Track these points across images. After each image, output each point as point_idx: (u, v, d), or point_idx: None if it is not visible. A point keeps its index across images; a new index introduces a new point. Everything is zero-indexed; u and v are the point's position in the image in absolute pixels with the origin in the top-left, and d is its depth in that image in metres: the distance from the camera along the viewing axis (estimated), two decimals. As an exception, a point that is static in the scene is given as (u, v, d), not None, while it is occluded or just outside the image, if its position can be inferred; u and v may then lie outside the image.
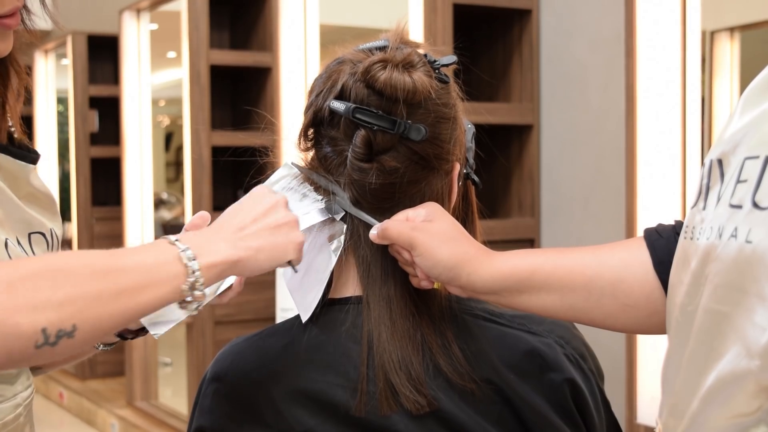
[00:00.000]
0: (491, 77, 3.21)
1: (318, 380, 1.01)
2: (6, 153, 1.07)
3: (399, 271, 1.04)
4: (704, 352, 0.74)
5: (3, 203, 1.05)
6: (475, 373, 0.99)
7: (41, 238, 1.11)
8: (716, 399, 0.72)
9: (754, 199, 0.69)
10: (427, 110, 1.04)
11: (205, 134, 3.73)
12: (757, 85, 0.76)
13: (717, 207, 0.74)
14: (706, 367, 0.74)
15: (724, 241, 0.71)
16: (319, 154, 1.08)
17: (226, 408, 1.06)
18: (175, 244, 0.90)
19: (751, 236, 0.68)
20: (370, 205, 1.05)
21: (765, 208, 0.68)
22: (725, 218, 0.72)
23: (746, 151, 0.71)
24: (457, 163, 1.08)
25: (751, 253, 0.68)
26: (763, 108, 0.72)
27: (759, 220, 0.68)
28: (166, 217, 6.50)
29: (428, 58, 1.05)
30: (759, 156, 0.70)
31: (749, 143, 0.71)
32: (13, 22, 1.03)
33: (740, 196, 0.70)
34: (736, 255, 0.70)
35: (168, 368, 5.38)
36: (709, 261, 0.74)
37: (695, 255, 0.76)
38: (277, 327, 1.10)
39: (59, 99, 6.20)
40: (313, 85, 1.09)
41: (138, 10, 4.62)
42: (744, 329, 0.69)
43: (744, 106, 0.77)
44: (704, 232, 0.75)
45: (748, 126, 0.73)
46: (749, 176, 0.70)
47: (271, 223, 0.97)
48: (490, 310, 1.06)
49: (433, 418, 0.99)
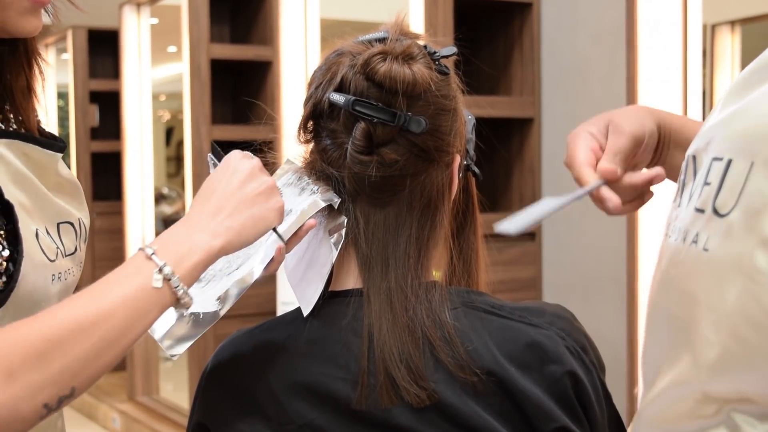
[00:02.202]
0: (492, 70, 3.20)
1: (319, 373, 1.01)
2: (33, 142, 1.07)
3: (399, 263, 1.04)
4: (665, 354, 0.73)
5: (32, 193, 1.05)
6: (475, 366, 0.99)
7: (70, 228, 1.12)
8: (665, 401, 0.72)
9: (715, 204, 0.66)
10: (427, 102, 1.03)
11: (206, 128, 3.73)
12: (738, 82, 0.73)
13: (687, 206, 0.71)
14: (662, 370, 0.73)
15: (687, 246, 0.69)
16: (319, 147, 1.08)
17: (227, 401, 1.06)
18: (152, 258, 0.90)
19: (709, 244, 0.66)
20: (370, 198, 1.05)
21: (724, 216, 0.65)
22: (690, 221, 0.70)
23: (714, 151, 0.69)
24: (457, 155, 1.08)
25: (706, 261, 0.66)
26: (736, 107, 0.70)
27: (716, 228, 0.65)
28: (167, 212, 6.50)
29: (428, 49, 1.04)
30: (723, 158, 0.67)
31: (717, 143, 0.69)
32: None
33: (704, 199, 0.68)
34: (694, 262, 0.68)
35: (169, 363, 5.38)
36: (674, 264, 0.72)
37: (666, 254, 0.74)
38: (277, 320, 1.10)
39: (59, 93, 6.20)
40: (313, 78, 1.09)
41: (138, 4, 4.62)
42: (695, 340, 0.67)
43: (726, 100, 0.74)
44: (674, 231, 0.73)
45: (720, 124, 0.71)
46: (713, 179, 0.67)
47: (249, 195, 0.97)
48: (491, 303, 1.06)
49: (434, 411, 0.99)
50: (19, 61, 1.11)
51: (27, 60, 1.11)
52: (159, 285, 0.89)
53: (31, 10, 1.03)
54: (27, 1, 1.03)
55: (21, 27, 1.04)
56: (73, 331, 0.86)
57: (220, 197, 0.96)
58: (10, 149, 1.04)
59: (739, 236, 0.63)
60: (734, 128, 0.67)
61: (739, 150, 0.64)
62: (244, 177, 0.98)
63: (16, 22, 1.03)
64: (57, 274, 1.07)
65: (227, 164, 1.00)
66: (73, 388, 0.86)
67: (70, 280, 1.11)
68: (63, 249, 1.09)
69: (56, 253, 1.07)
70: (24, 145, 1.06)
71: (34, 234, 1.03)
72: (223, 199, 0.96)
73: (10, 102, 1.10)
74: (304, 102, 1.10)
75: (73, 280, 1.13)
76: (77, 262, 1.14)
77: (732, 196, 0.64)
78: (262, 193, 0.98)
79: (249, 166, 0.99)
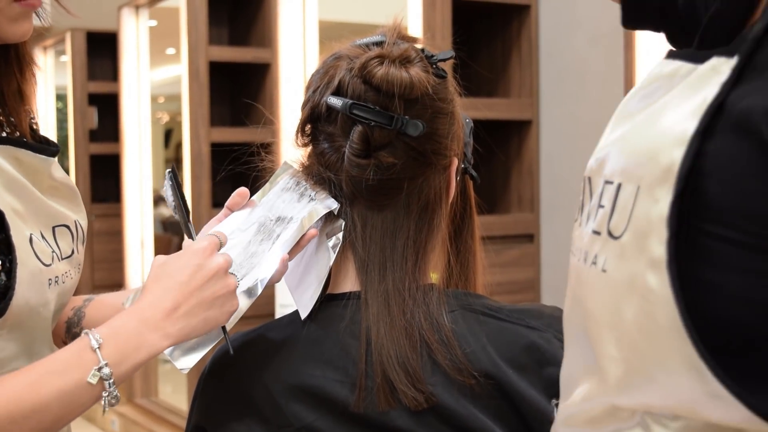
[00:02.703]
0: (490, 72, 3.21)
1: (317, 375, 1.01)
2: (25, 147, 1.07)
3: (397, 266, 1.04)
4: (576, 369, 0.76)
5: (26, 198, 1.05)
6: (473, 368, 0.99)
7: (66, 231, 1.12)
8: (578, 410, 0.74)
9: (609, 227, 0.68)
10: (425, 106, 1.03)
11: (205, 130, 3.73)
12: (627, 102, 0.74)
13: (586, 227, 0.73)
14: (579, 384, 0.75)
15: (588, 267, 0.71)
16: (317, 150, 1.08)
17: (225, 403, 1.06)
18: (96, 352, 0.92)
19: (606, 265, 0.68)
20: (368, 201, 1.05)
21: (617, 238, 0.67)
22: (588, 242, 0.72)
23: (606, 174, 0.71)
24: (455, 158, 1.08)
25: (605, 282, 0.68)
26: (624, 130, 0.71)
27: (612, 250, 0.67)
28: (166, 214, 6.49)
29: (425, 53, 1.04)
30: (614, 182, 0.69)
31: (609, 166, 0.70)
32: (36, 1, 1.04)
33: (599, 221, 0.70)
34: (594, 282, 0.70)
35: (168, 365, 5.38)
36: (579, 283, 0.74)
37: (573, 272, 0.77)
38: (276, 322, 1.10)
39: (58, 96, 6.19)
40: (310, 81, 1.09)
41: (137, 6, 4.62)
42: (601, 358, 0.69)
43: (616, 120, 0.74)
44: (578, 251, 0.75)
45: (610, 145, 0.72)
46: (606, 202, 0.69)
47: (208, 298, 0.97)
48: (489, 305, 1.06)
49: (432, 414, 0.99)
50: (10, 66, 1.11)
51: (18, 64, 1.11)
52: (93, 381, 0.92)
53: (22, 15, 1.03)
54: (17, 6, 1.03)
55: (11, 33, 1.04)
56: (5, 422, 0.88)
57: (177, 294, 0.96)
58: (1, 155, 1.03)
59: (632, 258, 0.65)
60: (622, 152, 0.69)
61: (627, 174, 0.67)
62: (209, 276, 0.97)
63: (6, 28, 1.03)
64: (53, 278, 1.06)
65: (195, 255, 0.98)
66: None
67: (68, 284, 1.11)
68: (59, 252, 1.09)
69: (52, 257, 1.07)
70: (15, 150, 1.05)
71: (28, 239, 1.03)
72: (180, 297, 0.96)
73: (2, 107, 1.10)
74: (302, 105, 1.10)
75: (71, 283, 1.13)
76: (75, 264, 1.14)
77: (623, 220, 0.66)
78: (222, 296, 0.98)
79: (216, 265, 0.98)
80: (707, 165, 0.61)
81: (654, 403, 0.65)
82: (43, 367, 0.93)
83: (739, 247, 0.60)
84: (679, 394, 0.63)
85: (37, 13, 1.09)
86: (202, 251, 0.99)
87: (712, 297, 0.62)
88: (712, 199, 0.61)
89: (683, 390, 0.63)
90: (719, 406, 0.61)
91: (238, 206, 1.09)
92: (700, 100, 0.63)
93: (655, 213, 0.63)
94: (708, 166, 0.61)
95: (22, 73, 1.12)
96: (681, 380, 0.62)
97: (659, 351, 0.63)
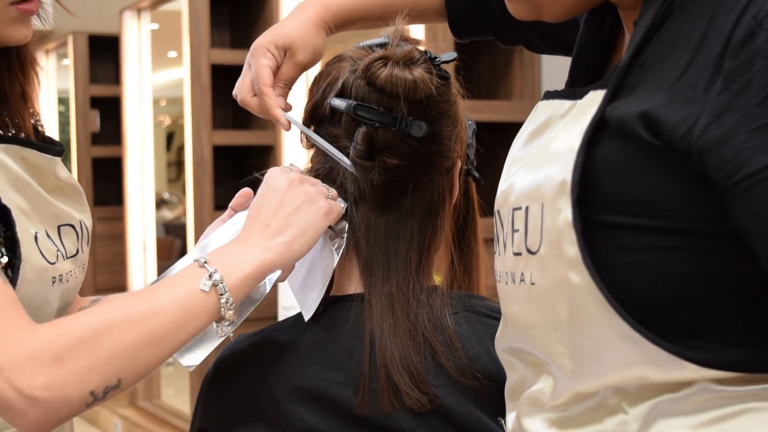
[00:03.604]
0: (492, 75, 3.21)
1: (320, 378, 1.01)
2: (31, 147, 1.08)
3: (401, 268, 1.04)
4: (525, 378, 0.85)
5: (31, 197, 1.06)
6: (477, 370, 0.99)
7: (71, 230, 1.13)
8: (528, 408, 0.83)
9: (527, 245, 0.78)
10: (428, 107, 1.04)
11: (207, 133, 3.73)
12: (517, 141, 0.87)
13: (505, 254, 0.83)
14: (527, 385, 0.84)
15: (518, 285, 0.81)
16: (321, 152, 1.08)
17: (229, 406, 1.06)
18: (204, 266, 0.94)
19: (534, 278, 0.78)
20: (372, 203, 1.05)
21: (535, 253, 0.77)
22: (512, 265, 0.81)
23: (513, 204, 0.81)
24: (458, 160, 1.08)
25: (536, 293, 0.78)
26: (520, 166, 0.83)
27: (534, 264, 0.77)
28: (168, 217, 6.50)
29: (429, 55, 1.05)
30: (521, 207, 0.79)
31: (514, 195, 0.81)
32: (33, 7, 1.05)
33: (517, 243, 0.80)
34: (527, 296, 0.80)
35: (170, 368, 5.38)
36: (510, 303, 0.83)
37: (501, 297, 0.86)
38: (279, 325, 1.10)
39: (60, 99, 6.20)
40: (314, 83, 1.09)
41: (139, 9, 4.62)
42: (552, 358, 0.78)
43: (510, 160, 0.87)
44: (502, 276, 0.84)
45: (511, 178, 0.83)
46: (519, 226, 0.80)
47: (290, 209, 0.99)
48: (492, 307, 1.06)
49: (436, 415, 0.99)
50: (12, 68, 1.12)
51: (21, 66, 1.12)
52: (206, 289, 0.92)
53: (19, 18, 1.04)
54: (14, 10, 1.03)
55: (10, 36, 1.05)
56: (122, 323, 0.89)
57: (264, 217, 0.99)
58: (8, 154, 1.04)
59: (552, 265, 0.75)
60: (523, 180, 0.80)
61: (531, 197, 0.78)
62: (282, 193, 1.00)
63: (4, 32, 1.04)
64: (58, 277, 1.07)
65: (266, 184, 1.03)
66: (120, 380, 0.88)
67: (72, 283, 1.11)
68: (64, 251, 1.10)
69: (56, 255, 1.08)
70: (21, 149, 1.07)
71: (33, 237, 1.04)
72: (267, 218, 0.99)
73: (6, 108, 1.11)
74: (305, 107, 1.10)
75: (75, 282, 1.13)
76: (79, 264, 1.15)
77: (536, 236, 0.77)
78: (303, 203, 1.00)
79: (286, 181, 1.01)
80: (598, 167, 0.73)
81: (608, 380, 0.74)
82: (154, 285, 0.96)
83: (635, 230, 0.72)
84: (625, 367, 0.73)
85: (39, 15, 1.09)
86: (269, 179, 1.03)
87: (626, 277, 0.72)
88: (606, 194, 0.73)
89: (628, 362, 0.72)
90: (661, 367, 0.71)
91: (242, 207, 1.10)
92: (581, 127, 0.74)
93: (561, 221, 0.73)
94: (599, 167, 0.73)
95: (25, 75, 1.13)
96: (624, 354, 0.72)
97: (598, 335, 0.73)
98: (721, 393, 0.71)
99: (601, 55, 0.89)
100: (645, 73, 0.73)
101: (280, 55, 1.10)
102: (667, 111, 0.69)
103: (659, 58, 0.73)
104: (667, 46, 0.73)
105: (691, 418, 0.72)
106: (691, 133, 0.68)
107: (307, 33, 1.11)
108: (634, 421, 0.74)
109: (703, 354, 0.70)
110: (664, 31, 0.74)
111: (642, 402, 0.74)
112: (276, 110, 1.07)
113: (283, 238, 0.98)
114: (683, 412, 0.72)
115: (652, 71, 0.73)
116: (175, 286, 0.93)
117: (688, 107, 0.68)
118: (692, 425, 0.72)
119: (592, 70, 0.89)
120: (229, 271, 0.93)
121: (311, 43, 1.11)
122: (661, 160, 0.70)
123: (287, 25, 1.12)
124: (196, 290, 0.92)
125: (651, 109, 0.70)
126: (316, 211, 1.00)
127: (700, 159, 0.68)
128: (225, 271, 0.93)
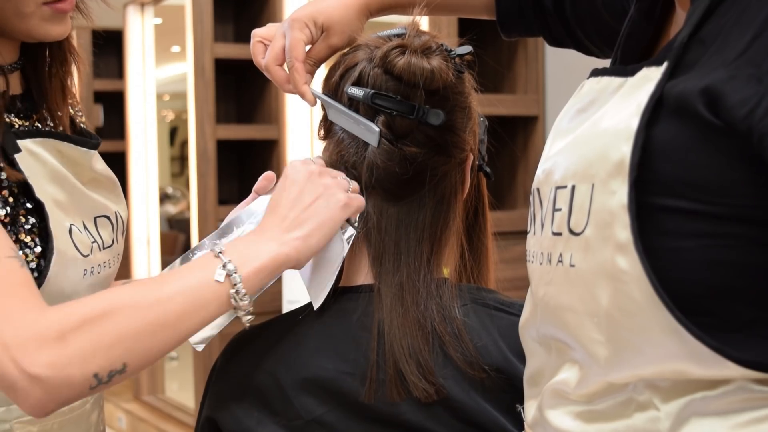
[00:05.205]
0: (496, 69, 3.21)
1: (327, 368, 1.01)
2: (67, 140, 1.10)
3: (411, 258, 1.04)
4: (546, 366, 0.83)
5: (68, 189, 1.08)
6: (484, 362, 0.99)
7: (106, 221, 1.15)
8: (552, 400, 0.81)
9: (569, 226, 0.75)
10: (445, 97, 1.04)
11: (210, 128, 3.73)
12: (563, 116, 0.84)
13: (542, 233, 0.80)
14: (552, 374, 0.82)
15: (554, 267, 0.78)
16: (336, 141, 1.08)
17: (235, 396, 1.06)
18: (219, 256, 0.93)
19: (573, 260, 0.75)
20: (384, 192, 1.05)
21: (579, 234, 0.74)
22: (550, 245, 0.79)
23: (556, 182, 0.79)
24: (470, 153, 1.09)
25: (575, 275, 0.75)
26: (567, 141, 0.79)
27: (576, 245, 0.75)
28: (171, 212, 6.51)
29: (444, 47, 1.05)
30: (567, 186, 0.76)
31: (558, 173, 0.78)
32: (68, 6, 1.06)
33: (558, 223, 0.77)
34: (563, 279, 0.77)
35: (174, 362, 5.39)
36: (543, 283, 0.81)
37: (533, 277, 0.84)
38: (287, 315, 1.11)
39: (64, 94, 6.19)
40: (329, 72, 1.09)
41: (142, 4, 4.62)
42: (585, 344, 0.75)
43: (554, 135, 0.83)
44: (536, 256, 0.82)
45: (556, 156, 0.80)
46: (562, 205, 0.77)
47: (307, 202, 0.99)
48: (501, 300, 1.06)
49: (442, 406, 0.99)
50: (53, 63, 1.13)
51: (61, 60, 1.13)
52: (221, 279, 0.92)
53: (54, 16, 1.05)
54: (48, 8, 1.04)
55: (46, 33, 1.06)
56: (129, 307, 0.88)
57: (282, 210, 0.99)
58: (45, 148, 1.06)
59: (597, 248, 0.72)
60: (570, 159, 0.77)
61: (579, 176, 0.75)
62: (301, 186, 1.00)
63: (40, 29, 1.05)
64: (89, 269, 1.09)
65: (285, 176, 1.02)
66: (125, 364, 0.88)
67: (104, 273, 1.13)
68: (101, 242, 1.12)
69: (91, 247, 1.09)
70: (58, 143, 1.08)
71: (67, 230, 1.05)
72: (285, 210, 0.99)
73: (46, 102, 1.12)
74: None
75: (109, 271, 1.15)
76: (114, 254, 1.17)
77: (583, 216, 0.74)
78: (321, 196, 0.99)
79: (305, 174, 1.01)
80: (654, 146, 0.70)
81: (644, 372, 0.72)
82: (167, 273, 0.95)
83: (685, 214, 0.68)
84: (664, 360, 0.70)
85: (80, 10, 1.10)
86: (289, 171, 1.02)
87: (673, 264, 0.69)
88: (659, 175, 0.69)
89: (668, 355, 0.69)
90: (702, 363, 0.68)
91: (265, 190, 1.11)
92: (636, 105, 0.71)
93: (615, 203, 0.70)
94: (655, 147, 0.70)
95: (65, 69, 1.14)
96: (665, 347, 0.69)
97: (640, 324, 0.70)
98: (759, 393, 0.68)
99: (652, 34, 0.86)
100: (705, 50, 0.70)
101: (317, 33, 1.09)
102: (730, 87, 0.65)
103: (721, 33, 0.69)
104: (731, 21, 0.69)
105: (727, 419, 0.69)
106: (754, 114, 0.64)
107: (348, 17, 1.10)
108: (666, 419, 0.71)
109: (746, 353, 0.67)
110: (726, 7, 0.70)
111: (675, 399, 0.71)
112: (304, 86, 1.07)
113: (300, 232, 0.97)
114: (718, 412, 0.69)
115: (713, 47, 0.69)
116: (189, 273, 0.93)
117: (752, 86, 0.65)
118: (729, 426, 0.69)
119: (642, 49, 0.86)
120: (243, 262, 0.93)
121: (349, 28, 1.10)
122: (718, 142, 0.67)
123: (330, 2, 1.10)
124: (209, 279, 0.92)
125: (713, 84, 0.66)
126: (334, 204, 0.99)
127: (761, 142, 0.64)
128: (239, 263, 0.93)
